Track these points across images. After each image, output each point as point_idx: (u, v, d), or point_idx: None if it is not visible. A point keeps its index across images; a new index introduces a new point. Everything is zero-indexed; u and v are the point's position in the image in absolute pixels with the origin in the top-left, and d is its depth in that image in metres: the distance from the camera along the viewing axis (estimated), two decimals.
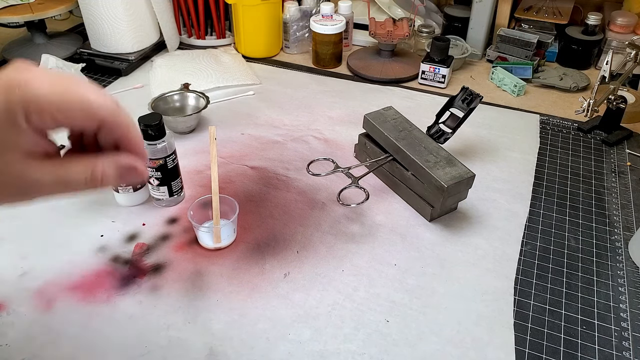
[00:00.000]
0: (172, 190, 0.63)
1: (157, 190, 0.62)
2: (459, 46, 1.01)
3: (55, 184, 0.31)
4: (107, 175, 0.32)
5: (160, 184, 0.61)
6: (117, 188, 0.62)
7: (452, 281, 0.56)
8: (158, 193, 0.62)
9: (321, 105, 0.89)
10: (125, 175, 0.33)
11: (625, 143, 0.80)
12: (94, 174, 0.32)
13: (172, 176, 0.62)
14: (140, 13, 0.96)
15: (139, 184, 0.62)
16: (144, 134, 0.57)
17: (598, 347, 0.49)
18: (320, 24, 0.97)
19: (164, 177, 0.61)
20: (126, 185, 0.62)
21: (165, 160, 0.60)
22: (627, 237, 0.62)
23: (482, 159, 0.75)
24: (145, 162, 0.37)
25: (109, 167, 0.32)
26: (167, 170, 0.60)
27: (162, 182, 0.61)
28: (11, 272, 0.55)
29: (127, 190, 0.62)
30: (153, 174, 0.60)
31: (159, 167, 0.60)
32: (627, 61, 0.77)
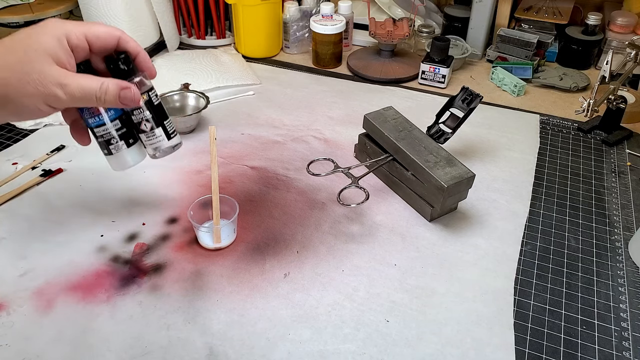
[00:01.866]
0: (168, 132, 0.55)
1: (153, 137, 0.54)
2: (459, 46, 1.01)
3: (75, 89, 0.42)
4: (110, 90, 0.45)
5: (154, 126, 0.54)
6: (108, 148, 0.53)
7: (452, 281, 0.56)
8: (155, 140, 0.54)
9: (321, 105, 0.89)
10: (124, 95, 0.46)
11: (625, 143, 0.80)
12: (102, 87, 0.44)
13: (162, 114, 0.54)
14: (140, 13, 0.96)
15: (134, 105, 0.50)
16: (116, 70, 0.50)
17: (598, 347, 0.49)
18: (320, 24, 0.97)
19: (155, 116, 0.53)
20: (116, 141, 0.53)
21: (148, 95, 0.52)
22: (627, 237, 0.62)
23: (482, 159, 0.75)
24: (154, 76, 0.52)
25: (112, 83, 0.45)
26: (154, 106, 0.53)
27: (155, 121, 0.53)
28: (11, 272, 0.55)
29: (119, 149, 0.53)
30: (142, 115, 0.52)
31: (145, 104, 0.52)
32: (627, 61, 0.77)
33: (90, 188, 0.68)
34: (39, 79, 0.41)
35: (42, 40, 0.41)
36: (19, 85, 0.40)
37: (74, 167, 0.72)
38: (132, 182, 0.69)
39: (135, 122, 0.53)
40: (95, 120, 0.51)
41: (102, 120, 0.51)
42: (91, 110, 0.50)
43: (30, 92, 0.41)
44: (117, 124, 0.52)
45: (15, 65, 0.40)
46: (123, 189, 0.68)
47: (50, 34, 0.42)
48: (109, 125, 0.52)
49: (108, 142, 0.52)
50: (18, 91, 0.41)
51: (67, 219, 0.63)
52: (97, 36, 0.45)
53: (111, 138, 0.52)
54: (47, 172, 0.70)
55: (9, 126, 0.80)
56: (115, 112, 0.51)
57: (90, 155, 0.74)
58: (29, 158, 0.73)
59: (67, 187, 0.68)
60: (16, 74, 0.40)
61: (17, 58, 0.41)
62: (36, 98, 0.41)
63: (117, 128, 0.52)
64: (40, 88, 0.41)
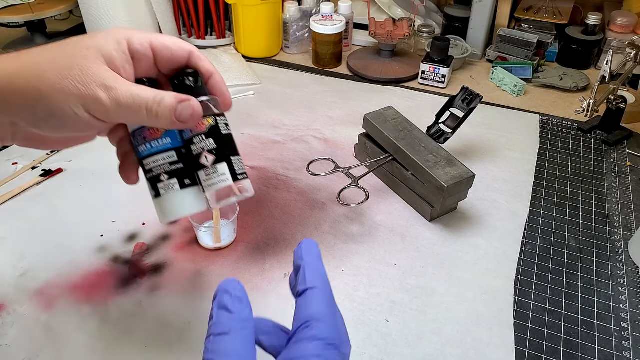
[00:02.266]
0: (235, 170, 0.40)
1: (214, 174, 0.39)
2: (459, 46, 1.01)
3: (122, 95, 0.34)
4: (165, 101, 0.35)
5: (216, 160, 0.39)
6: (156, 187, 0.40)
7: (452, 281, 0.56)
8: (216, 178, 0.39)
9: (321, 105, 0.89)
10: (181, 109, 0.36)
11: (625, 143, 0.80)
12: (157, 97, 0.35)
13: (230, 148, 0.40)
14: (140, 13, 0.96)
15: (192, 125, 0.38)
16: (181, 87, 0.39)
17: (598, 347, 0.49)
18: (320, 24, 0.97)
19: (220, 148, 0.39)
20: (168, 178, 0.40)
21: (216, 120, 0.39)
22: (627, 237, 0.62)
23: (482, 159, 0.75)
24: (229, 105, 0.41)
25: (169, 95, 0.36)
26: (221, 136, 0.39)
27: (218, 155, 0.39)
28: (11, 272, 0.55)
29: (170, 189, 0.40)
30: (204, 144, 0.39)
31: (209, 130, 0.39)
32: (627, 61, 0.77)
33: (90, 188, 0.68)
34: (81, 75, 0.33)
35: (98, 38, 0.35)
36: (56, 80, 0.33)
37: (74, 167, 0.72)
38: None
39: (194, 153, 0.39)
40: (145, 148, 0.39)
41: (154, 148, 0.39)
42: (143, 135, 0.39)
43: (66, 89, 0.33)
44: (172, 156, 0.40)
45: (57, 57, 0.33)
46: (123, 189, 0.68)
47: (111, 35, 0.36)
48: (162, 157, 0.39)
49: (157, 178, 0.40)
50: (53, 86, 0.33)
51: (67, 219, 0.63)
52: (165, 46, 0.38)
53: (161, 174, 0.39)
54: (47, 172, 0.70)
55: None
56: (173, 142, 0.40)
57: (90, 155, 0.74)
58: (29, 158, 0.73)
59: (67, 187, 0.68)
60: (56, 66, 0.33)
61: (63, 51, 0.34)
62: (73, 98, 0.33)
63: (172, 162, 0.40)
64: (80, 86, 0.33)
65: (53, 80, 0.33)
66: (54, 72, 0.33)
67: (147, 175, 0.40)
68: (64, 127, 0.35)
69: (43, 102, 0.33)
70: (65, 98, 0.33)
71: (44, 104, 0.33)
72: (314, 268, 0.34)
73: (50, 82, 0.33)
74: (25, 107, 0.33)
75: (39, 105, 0.33)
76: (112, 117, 0.35)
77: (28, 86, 0.33)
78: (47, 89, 0.33)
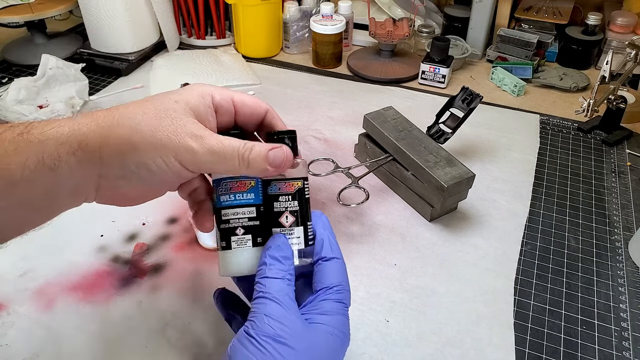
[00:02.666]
0: (308, 236, 0.41)
1: (290, 236, 0.40)
2: (459, 46, 1.01)
3: (214, 142, 0.35)
4: (257, 148, 0.36)
5: (295, 223, 0.40)
6: (228, 239, 0.39)
7: (452, 281, 0.56)
8: (290, 240, 0.40)
9: (321, 105, 0.89)
10: (274, 155, 0.36)
11: (625, 143, 0.80)
12: (247, 144, 0.35)
13: (307, 213, 0.41)
14: (140, 13, 0.96)
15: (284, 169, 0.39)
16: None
17: (598, 347, 0.49)
18: (320, 24, 0.97)
19: (301, 211, 0.40)
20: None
21: (303, 183, 0.40)
22: (627, 237, 0.62)
23: (482, 159, 0.75)
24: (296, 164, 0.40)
25: (259, 145, 0.36)
26: (304, 199, 0.40)
27: (298, 218, 0.40)
28: (11, 272, 0.55)
29: (242, 244, 0.39)
30: (288, 205, 0.40)
31: (296, 192, 0.40)
32: (627, 61, 0.77)
33: None
34: (172, 126, 0.34)
35: (185, 93, 0.37)
36: (149, 133, 0.33)
37: None
38: None
39: (275, 210, 0.40)
40: (227, 198, 0.39)
41: (236, 200, 0.39)
42: (230, 185, 0.39)
43: (159, 141, 0.33)
44: (251, 212, 0.39)
45: (148, 111, 0.35)
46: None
47: (195, 90, 0.37)
48: (242, 210, 0.39)
49: (232, 231, 0.39)
50: (145, 139, 0.33)
51: (67, 219, 0.63)
52: (244, 103, 0.40)
53: (238, 227, 0.39)
54: None
55: None
56: (255, 199, 0.39)
57: None
58: None
59: None
60: (148, 119, 0.34)
61: (153, 106, 0.35)
62: (165, 150, 0.34)
63: (250, 217, 0.39)
64: (172, 137, 0.34)
65: (145, 133, 0.34)
66: (146, 125, 0.34)
67: (220, 225, 0.40)
68: (153, 178, 0.35)
69: (136, 154, 0.34)
70: (157, 150, 0.34)
71: (136, 156, 0.34)
72: (334, 242, 0.40)
73: (143, 135, 0.34)
74: (116, 159, 0.34)
75: (131, 157, 0.34)
76: (203, 166, 0.35)
77: (121, 140, 0.34)
78: (139, 141, 0.34)
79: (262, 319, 0.34)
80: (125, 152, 0.34)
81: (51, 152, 0.33)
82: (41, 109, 0.82)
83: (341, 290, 0.38)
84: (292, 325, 0.34)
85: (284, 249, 0.37)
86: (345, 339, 0.37)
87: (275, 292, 0.35)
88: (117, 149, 0.34)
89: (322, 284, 0.38)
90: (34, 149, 0.32)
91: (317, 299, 0.37)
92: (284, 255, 0.37)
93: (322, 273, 0.39)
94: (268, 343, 0.33)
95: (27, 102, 0.82)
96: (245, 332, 0.34)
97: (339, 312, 0.37)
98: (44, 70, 0.85)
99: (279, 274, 0.36)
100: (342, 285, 0.38)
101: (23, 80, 0.83)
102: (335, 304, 0.37)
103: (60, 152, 0.33)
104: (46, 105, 0.83)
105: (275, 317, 0.34)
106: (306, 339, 0.34)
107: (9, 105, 0.80)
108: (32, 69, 0.94)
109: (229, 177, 0.39)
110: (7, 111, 0.80)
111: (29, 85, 0.83)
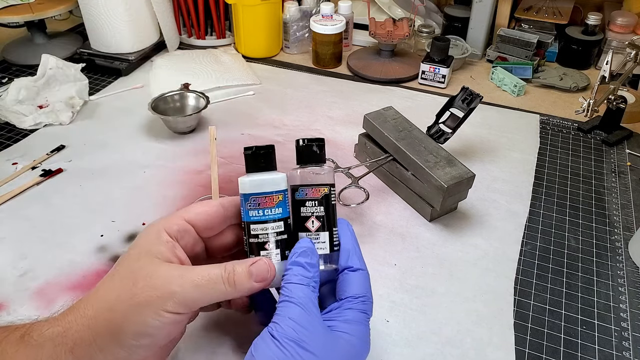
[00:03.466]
0: (333, 242, 0.42)
1: (316, 242, 0.41)
2: (459, 46, 1.01)
3: (195, 277, 0.35)
4: (239, 271, 0.36)
5: (321, 228, 0.41)
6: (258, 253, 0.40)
7: (452, 281, 0.56)
8: (316, 244, 0.41)
9: (321, 105, 0.89)
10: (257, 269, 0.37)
11: (625, 143, 0.80)
12: (227, 266, 0.36)
13: (333, 219, 0.42)
14: (140, 13, 0.96)
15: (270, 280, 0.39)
16: (307, 154, 0.43)
17: (598, 347, 0.49)
18: (320, 24, 0.97)
19: (327, 216, 0.41)
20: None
21: (330, 189, 0.41)
22: (627, 237, 0.62)
23: (482, 159, 0.75)
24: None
25: (239, 264, 0.37)
26: (330, 205, 0.41)
27: (324, 224, 0.41)
28: (11, 272, 0.55)
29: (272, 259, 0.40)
30: (314, 210, 0.41)
31: (322, 198, 0.41)
32: (627, 61, 0.77)
33: (90, 188, 0.68)
34: (147, 283, 0.34)
35: (141, 243, 0.37)
36: (128, 305, 0.33)
37: (73, 167, 0.72)
38: (133, 182, 0.69)
39: (302, 215, 0.41)
40: (256, 213, 0.40)
41: (265, 215, 0.40)
42: (258, 201, 0.40)
43: (140, 306, 0.33)
44: (280, 226, 0.41)
45: (119, 283, 0.35)
46: (123, 189, 0.68)
47: (148, 234, 0.37)
48: (271, 225, 0.40)
49: (262, 245, 0.40)
50: (126, 313, 0.33)
51: (67, 219, 0.63)
52: (197, 213, 0.40)
53: (267, 242, 0.40)
54: (47, 172, 0.70)
55: (8, 126, 0.80)
56: (283, 212, 0.41)
57: (90, 155, 0.74)
58: (29, 158, 0.73)
59: (67, 187, 0.68)
60: (124, 292, 0.34)
61: (120, 276, 0.35)
62: (149, 309, 0.33)
63: (279, 232, 0.40)
64: (151, 293, 0.33)
65: (125, 307, 0.33)
66: (124, 298, 0.34)
67: (249, 239, 0.40)
68: (155, 337, 0.35)
69: (126, 330, 0.33)
70: (142, 314, 0.33)
71: (129, 330, 0.34)
72: (360, 252, 0.42)
73: (124, 308, 0.34)
74: (113, 342, 0.34)
75: (125, 333, 0.34)
76: (192, 303, 0.35)
77: (108, 322, 0.34)
78: (124, 316, 0.33)
79: (286, 322, 0.34)
80: (117, 332, 0.34)
81: (50, 354, 0.34)
82: (41, 109, 0.82)
83: (366, 301, 0.39)
84: (315, 331, 0.35)
85: (310, 255, 0.38)
86: (365, 347, 0.37)
87: (300, 298, 0.35)
88: (109, 332, 0.34)
89: (347, 293, 0.39)
90: (33, 352, 0.34)
91: (341, 308, 0.38)
92: (309, 262, 0.38)
93: (348, 283, 0.39)
94: (290, 346, 0.33)
95: (27, 102, 0.82)
96: (269, 332, 0.34)
97: (362, 321, 0.38)
98: (44, 70, 0.85)
99: (304, 280, 0.37)
100: (367, 296, 0.39)
101: (23, 80, 0.83)
102: (359, 314, 0.38)
103: (58, 353, 0.34)
104: (46, 105, 0.83)
105: (299, 321, 0.34)
106: (327, 346, 0.35)
107: (9, 105, 0.80)
108: (32, 69, 0.94)
109: (256, 193, 0.40)
110: (7, 111, 0.80)
111: (29, 85, 0.83)
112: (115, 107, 0.87)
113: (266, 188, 0.40)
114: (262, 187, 0.40)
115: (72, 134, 0.79)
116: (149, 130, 0.80)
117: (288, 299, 0.35)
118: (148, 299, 0.33)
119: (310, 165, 0.42)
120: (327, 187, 0.41)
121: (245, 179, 0.41)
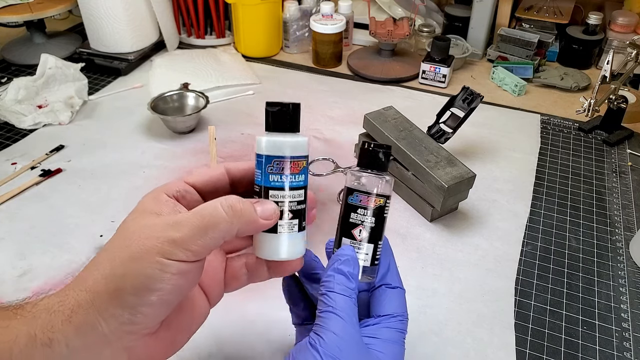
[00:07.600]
0: (375, 255, 0.39)
1: (358, 249, 0.39)
2: (460, 46, 1.01)
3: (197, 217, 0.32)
4: (244, 203, 0.33)
5: (367, 239, 0.39)
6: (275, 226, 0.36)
7: (453, 281, 0.56)
8: (360, 253, 0.39)
9: (321, 105, 0.88)
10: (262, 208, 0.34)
11: (626, 143, 0.80)
12: (228, 199, 0.33)
13: (382, 232, 0.39)
14: (139, 13, 0.96)
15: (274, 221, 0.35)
16: (372, 159, 0.39)
17: (599, 348, 0.49)
18: (320, 24, 0.96)
19: (376, 229, 0.39)
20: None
21: (385, 202, 0.39)
22: (628, 237, 0.62)
23: (482, 159, 0.75)
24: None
25: (242, 200, 0.33)
26: (382, 218, 0.39)
27: (371, 236, 0.39)
28: (11, 272, 0.55)
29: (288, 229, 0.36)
30: (366, 219, 0.38)
31: (376, 209, 0.38)
32: (628, 61, 0.77)
33: (89, 188, 0.68)
34: (142, 234, 0.31)
35: (137, 207, 0.35)
36: (122, 259, 0.30)
37: (73, 167, 0.72)
38: (132, 182, 0.69)
39: (351, 221, 0.39)
40: (278, 179, 0.36)
41: (288, 182, 0.36)
42: (281, 165, 0.35)
43: (137, 253, 0.30)
44: (301, 194, 0.37)
45: (117, 243, 0.32)
46: (123, 189, 0.68)
47: (146, 198, 0.35)
48: (292, 193, 0.36)
49: (280, 214, 0.36)
50: (122, 270, 0.30)
51: (67, 219, 0.63)
52: (198, 174, 0.37)
53: (287, 211, 0.36)
54: (47, 172, 0.70)
55: (8, 126, 0.80)
56: (305, 180, 0.37)
57: (89, 155, 0.74)
58: (29, 158, 0.73)
59: (66, 187, 0.68)
60: (121, 249, 0.31)
61: (117, 237, 0.33)
62: (147, 257, 0.30)
63: (299, 200, 0.37)
64: (146, 242, 0.30)
65: (120, 262, 0.30)
66: (120, 255, 0.31)
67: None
68: (158, 292, 0.30)
69: (125, 285, 0.30)
70: (140, 265, 0.30)
71: (128, 286, 0.30)
72: (397, 269, 0.40)
73: (119, 267, 0.30)
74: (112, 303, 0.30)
75: (124, 291, 0.30)
76: (196, 247, 0.31)
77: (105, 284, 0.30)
78: (120, 275, 0.30)
79: (330, 336, 0.33)
80: (116, 289, 0.30)
81: (44, 325, 0.29)
82: (40, 109, 0.82)
83: (403, 320, 0.38)
84: (356, 349, 0.34)
85: (353, 264, 0.37)
86: None
87: (343, 310, 0.34)
88: (107, 292, 0.30)
89: (385, 310, 0.38)
90: (26, 325, 0.30)
91: (379, 325, 0.37)
92: (351, 272, 0.36)
93: (387, 300, 0.39)
94: None
95: (26, 102, 0.82)
96: (311, 344, 0.34)
97: (398, 341, 0.37)
98: (43, 70, 0.85)
99: (346, 291, 0.36)
100: (404, 315, 0.39)
101: (22, 80, 0.83)
102: (397, 334, 0.37)
103: (53, 322, 0.29)
104: (45, 105, 0.83)
105: (342, 336, 0.34)
106: None
107: (8, 105, 0.80)
108: (32, 69, 0.93)
109: (279, 156, 0.36)
110: (6, 111, 0.79)
111: (28, 85, 0.82)
112: (114, 107, 0.86)
113: (292, 152, 0.36)
114: (288, 149, 0.36)
115: (71, 134, 0.79)
116: (148, 130, 0.80)
117: (332, 310, 0.34)
118: (143, 248, 0.30)
119: (371, 171, 0.39)
120: (383, 198, 0.38)
121: (270, 139, 0.35)
